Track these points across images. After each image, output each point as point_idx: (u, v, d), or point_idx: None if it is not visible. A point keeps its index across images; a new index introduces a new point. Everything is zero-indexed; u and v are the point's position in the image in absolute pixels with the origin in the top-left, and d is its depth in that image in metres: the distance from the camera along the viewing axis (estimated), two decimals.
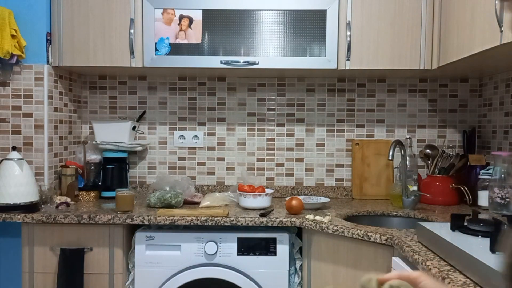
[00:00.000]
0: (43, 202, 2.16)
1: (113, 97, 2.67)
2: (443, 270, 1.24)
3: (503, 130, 2.31)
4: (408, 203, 2.24)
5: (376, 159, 2.58)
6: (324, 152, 2.64)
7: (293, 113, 2.64)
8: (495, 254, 1.18)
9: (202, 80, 2.65)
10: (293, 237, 2.05)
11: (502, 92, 2.33)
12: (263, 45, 2.22)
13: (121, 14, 2.26)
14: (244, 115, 2.65)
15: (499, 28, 1.53)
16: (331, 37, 2.20)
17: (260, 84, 2.64)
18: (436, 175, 2.41)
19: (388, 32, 2.21)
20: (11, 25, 2.13)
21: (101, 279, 2.03)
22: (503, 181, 1.91)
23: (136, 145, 2.53)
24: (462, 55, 1.86)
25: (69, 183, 2.32)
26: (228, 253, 1.99)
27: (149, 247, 2.00)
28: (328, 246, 1.90)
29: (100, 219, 1.99)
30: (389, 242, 1.65)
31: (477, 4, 1.73)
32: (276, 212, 2.10)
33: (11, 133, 2.27)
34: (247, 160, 2.65)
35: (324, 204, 2.25)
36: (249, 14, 2.21)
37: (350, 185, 2.63)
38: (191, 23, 2.23)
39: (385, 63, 2.22)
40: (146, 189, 2.65)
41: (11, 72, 2.25)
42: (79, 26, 2.27)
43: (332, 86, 2.63)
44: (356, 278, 1.81)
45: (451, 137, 2.62)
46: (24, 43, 2.20)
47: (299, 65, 2.22)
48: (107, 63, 2.27)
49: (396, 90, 2.62)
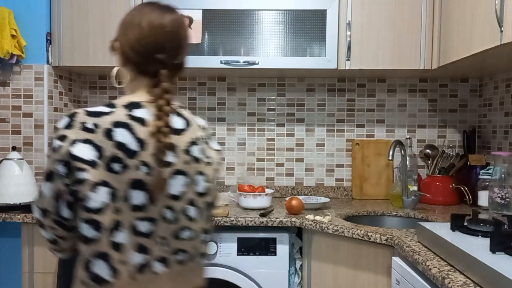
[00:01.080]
0: None
1: (113, 97, 2.67)
2: (443, 270, 1.24)
3: (503, 130, 2.31)
4: (408, 203, 2.24)
5: (376, 159, 2.58)
6: (324, 152, 2.64)
7: (293, 113, 2.64)
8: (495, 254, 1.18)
9: (202, 80, 2.65)
10: (293, 237, 2.05)
11: (502, 92, 2.33)
12: (263, 45, 2.22)
13: (121, 14, 2.25)
14: (244, 115, 2.65)
15: (499, 28, 1.53)
16: (331, 37, 2.20)
17: (260, 84, 2.64)
18: (436, 175, 2.41)
19: (388, 32, 2.21)
20: (11, 25, 2.13)
21: None
22: (503, 181, 1.91)
23: None
24: (462, 55, 1.86)
25: None
26: (228, 253, 1.99)
27: None
28: (328, 246, 1.90)
29: None
30: (389, 242, 1.65)
31: (477, 4, 1.73)
32: (276, 212, 2.09)
33: (11, 133, 2.27)
34: (247, 160, 2.65)
35: (324, 204, 2.25)
36: (249, 14, 2.21)
37: (350, 185, 2.63)
38: (191, 23, 2.22)
39: (385, 63, 2.22)
40: None
41: (11, 72, 2.25)
42: (79, 26, 2.27)
43: (332, 86, 2.63)
44: (356, 278, 1.81)
45: (451, 137, 2.62)
46: (24, 43, 2.21)
47: (299, 65, 2.22)
48: (107, 63, 2.27)
49: (396, 90, 2.62)
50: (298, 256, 2.03)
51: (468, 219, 1.46)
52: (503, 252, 1.19)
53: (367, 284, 1.78)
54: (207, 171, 1.15)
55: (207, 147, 1.17)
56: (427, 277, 1.30)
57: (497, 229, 1.33)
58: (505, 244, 1.19)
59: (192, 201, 1.11)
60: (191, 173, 1.11)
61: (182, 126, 1.13)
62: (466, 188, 2.28)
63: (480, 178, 2.20)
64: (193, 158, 1.11)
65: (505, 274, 1.00)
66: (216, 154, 1.21)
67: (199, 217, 1.14)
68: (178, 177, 1.08)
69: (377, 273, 1.74)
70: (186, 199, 1.10)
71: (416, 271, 1.42)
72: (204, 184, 1.14)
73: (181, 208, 1.09)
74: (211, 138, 1.22)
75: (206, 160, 1.15)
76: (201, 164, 1.13)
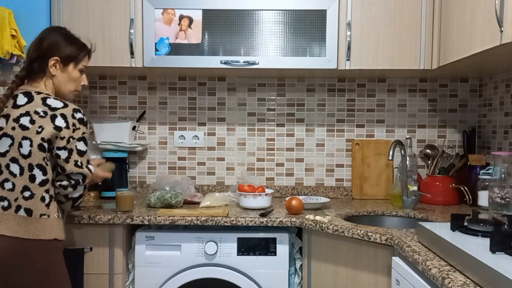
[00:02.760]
0: None
1: (113, 97, 2.67)
2: (443, 270, 1.24)
3: (503, 130, 2.31)
4: (408, 203, 2.24)
5: (376, 159, 2.58)
6: (324, 152, 2.64)
7: (293, 113, 2.64)
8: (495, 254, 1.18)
9: (202, 80, 2.65)
10: (293, 237, 2.05)
11: (502, 92, 2.33)
12: (263, 45, 2.22)
13: (121, 14, 2.26)
14: (244, 115, 2.65)
15: (499, 28, 1.53)
16: (331, 37, 2.20)
17: (260, 84, 2.64)
18: (436, 175, 2.41)
19: (388, 32, 2.22)
20: (11, 25, 2.13)
21: (101, 279, 2.03)
22: (503, 181, 1.91)
23: (136, 145, 2.54)
24: (462, 55, 1.86)
25: None
26: (228, 253, 1.99)
27: (149, 247, 2.00)
28: (328, 246, 1.90)
29: (100, 219, 1.99)
30: (389, 242, 1.65)
31: (477, 4, 1.73)
32: (276, 212, 2.10)
33: None
34: (247, 160, 2.65)
35: (324, 204, 2.25)
36: (249, 14, 2.22)
37: (350, 185, 2.63)
38: (191, 23, 2.23)
39: (385, 63, 2.22)
40: (146, 189, 2.65)
41: (11, 72, 2.25)
42: (79, 26, 2.27)
43: (332, 86, 2.63)
44: (356, 278, 1.81)
45: (451, 137, 2.62)
46: (24, 43, 2.20)
47: (299, 65, 2.22)
48: (107, 63, 2.27)
49: (396, 90, 2.62)
50: (298, 256, 2.03)
51: (468, 219, 1.46)
52: (503, 252, 1.19)
53: (367, 284, 1.78)
54: (33, 138, 1.60)
55: (42, 119, 1.61)
56: (427, 277, 1.30)
57: (497, 229, 1.33)
58: (505, 244, 1.19)
59: (14, 159, 1.60)
60: (16, 137, 1.60)
61: (22, 103, 1.64)
62: (466, 188, 2.28)
63: (480, 178, 2.20)
64: (21, 126, 1.60)
65: (505, 274, 1.00)
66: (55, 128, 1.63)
67: (20, 174, 1.60)
68: (4, 139, 1.61)
69: (377, 273, 1.74)
70: (10, 157, 1.60)
71: (416, 271, 1.42)
72: (29, 148, 1.60)
73: (6, 163, 1.60)
74: (58, 115, 1.64)
75: (36, 129, 1.60)
76: (28, 131, 1.60)
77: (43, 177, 1.63)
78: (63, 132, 1.63)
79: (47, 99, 1.67)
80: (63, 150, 1.64)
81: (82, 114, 1.70)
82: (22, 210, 1.60)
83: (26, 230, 1.59)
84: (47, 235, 1.62)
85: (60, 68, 1.75)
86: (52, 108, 1.65)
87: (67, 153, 1.64)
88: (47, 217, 1.63)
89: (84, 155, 1.69)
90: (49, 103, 1.66)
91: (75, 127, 1.67)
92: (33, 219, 1.61)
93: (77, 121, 1.67)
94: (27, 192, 1.61)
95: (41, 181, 1.63)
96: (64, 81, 1.77)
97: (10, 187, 1.61)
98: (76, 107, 1.70)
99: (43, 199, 1.63)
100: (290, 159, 2.65)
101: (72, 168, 1.65)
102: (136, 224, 2.01)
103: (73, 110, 1.68)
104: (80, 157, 1.68)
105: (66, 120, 1.65)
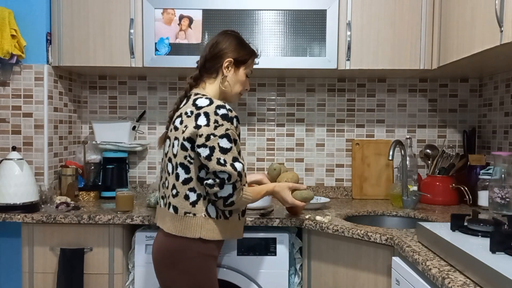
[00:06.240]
0: (43, 202, 2.16)
1: (113, 97, 2.67)
2: (443, 270, 1.24)
3: (503, 130, 2.31)
4: (408, 203, 2.24)
5: (376, 159, 2.58)
6: (324, 152, 2.64)
7: (293, 113, 2.64)
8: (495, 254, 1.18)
9: None
10: (293, 237, 2.05)
11: (502, 92, 2.33)
12: (263, 45, 2.22)
13: (121, 14, 2.26)
14: (244, 115, 2.64)
15: (499, 28, 1.53)
16: (331, 37, 2.20)
17: (260, 84, 2.64)
18: (436, 175, 2.41)
19: (388, 32, 2.21)
20: (11, 25, 2.13)
21: (101, 279, 2.03)
22: (503, 181, 1.91)
23: (136, 145, 2.54)
24: (462, 55, 1.86)
25: (69, 183, 2.33)
26: (228, 253, 1.99)
27: (149, 247, 2.00)
28: (328, 246, 1.90)
29: (100, 219, 1.99)
30: (389, 242, 1.65)
31: (477, 4, 1.73)
32: (276, 212, 2.10)
33: (11, 133, 2.27)
34: (247, 160, 2.65)
35: (324, 204, 2.25)
36: (249, 14, 2.21)
37: (350, 185, 2.63)
38: (191, 23, 2.23)
39: (385, 63, 2.22)
40: (146, 189, 2.65)
41: (11, 72, 2.25)
42: (79, 26, 2.27)
43: (332, 86, 2.63)
44: (356, 278, 1.81)
45: (451, 137, 2.62)
46: (24, 43, 2.21)
47: (299, 65, 2.22)
48: (107, 63, 2.27)
49: (396, 90, 2.62)
50: (298, 256, 2.03)
51: (468, 219, 1.46)
52: (503, 252, 1.19)
53: (367, 284, 1.78)
54: (180, 138, 1.65)
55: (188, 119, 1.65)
56: (427, 277, 1.30)
57: (497, 229, 1.33)
58: (505, 244, 1.19)
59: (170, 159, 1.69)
60: (172, 138, 1.69)
61: (182, 106, 1.76)
62: (466, 188, 2.28)
63: (480, 178, 2.20)
64: (175, 127, 1.68)
65: (505, 274, 1.00)
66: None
67: (172, 173, 1.66)
68: (167, 140, 1.73)
69: (377, 273, 1.74)
70: (168, 157, 1.70)
71: (416, 271, 1.42)
72: (177, 148, 1.65)
73: (166, 163, 1.71)
74: (201, 114, 1.62)
75: (182, 129, 1.65)
76: (177, 132, 1.66)
77: (186, 175, 1.61)
78: (202, 130, 1.57)
79: (198, 99, 1.65)
80: (203, 147, 1.57)
81: (227, 110, 1.61)
82: (171, 207, 1.64)
83: (174, 227, 1.62)
84: (192, 233, 1.60)
85: (233, 70, 1.75)
86: (198, 107, 1.62)
87: (208, 150, 1.57)
88: (192, 216, 1.61)
89: (228, 152, 1.59)
90: (197, 102, 1.63)
91: (217, 123, 1.58)
92: (179, 217, 1.62)
93: (220, 117, 1.59)
94: (174, 190, 1.63)
95: (184, 180, 1.62)
96: (233, 83, 1.76)
97: (167, 185, 1.67)
98: (220, 104, 1.62)
99: (187, 197, 1.61)
100: (290, 159, 2.65)
101: (215, 166, 1.56)
102: (136, 224, 2.01)
103: (216, 107, 1.60)
104: (223, 154, 1.58)
105: (208, 117, 1.59)
